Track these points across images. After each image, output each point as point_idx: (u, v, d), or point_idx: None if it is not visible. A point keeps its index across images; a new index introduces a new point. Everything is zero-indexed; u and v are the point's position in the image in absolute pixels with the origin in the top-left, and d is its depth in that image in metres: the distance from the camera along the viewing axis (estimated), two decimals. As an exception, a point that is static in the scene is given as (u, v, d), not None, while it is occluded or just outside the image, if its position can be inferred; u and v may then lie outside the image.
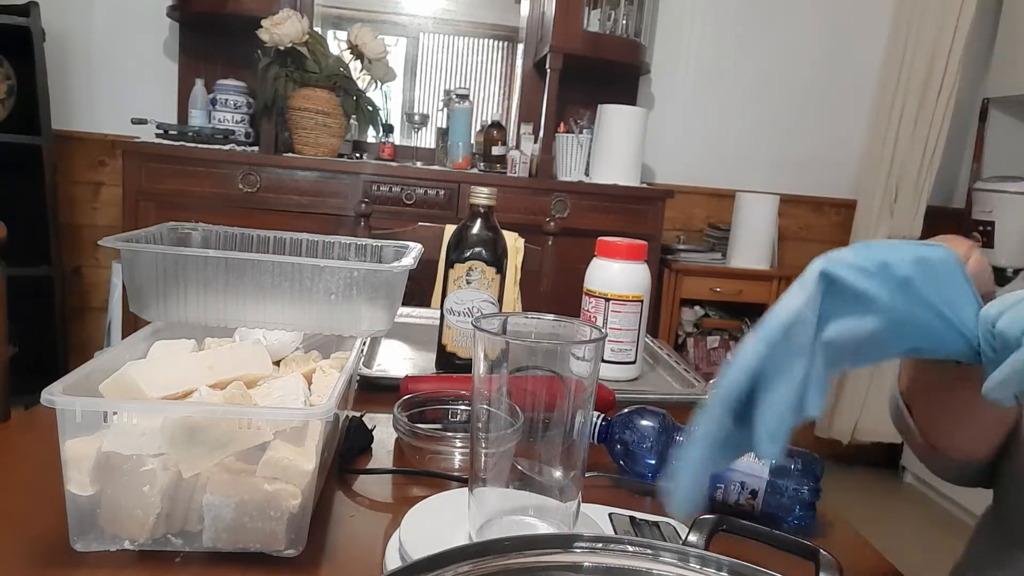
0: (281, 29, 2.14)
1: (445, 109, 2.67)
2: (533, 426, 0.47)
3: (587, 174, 2.55)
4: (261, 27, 2.15)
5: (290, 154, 2.29)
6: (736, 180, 2.88)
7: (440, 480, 0.65)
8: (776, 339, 0.39)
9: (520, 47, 2.78)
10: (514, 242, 1.61)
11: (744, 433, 0.39)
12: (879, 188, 2.80)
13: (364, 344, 0.77)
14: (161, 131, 2.27)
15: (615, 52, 2.49)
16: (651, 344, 1.15)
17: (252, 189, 2.21)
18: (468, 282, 0.92)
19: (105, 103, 2.57)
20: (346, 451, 0.68)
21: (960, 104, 2.82)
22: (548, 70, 2.42)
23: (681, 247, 2.75)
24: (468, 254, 0.92)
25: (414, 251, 0.77)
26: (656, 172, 2.87)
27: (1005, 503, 0.64)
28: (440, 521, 0.51)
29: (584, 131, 2.55)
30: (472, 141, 2.58)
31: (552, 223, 1.64)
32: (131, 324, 2.20)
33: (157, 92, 2.58)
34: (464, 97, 2.53)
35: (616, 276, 0.96)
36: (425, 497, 0.54)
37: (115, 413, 0.48)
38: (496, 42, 2.83)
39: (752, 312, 2.69)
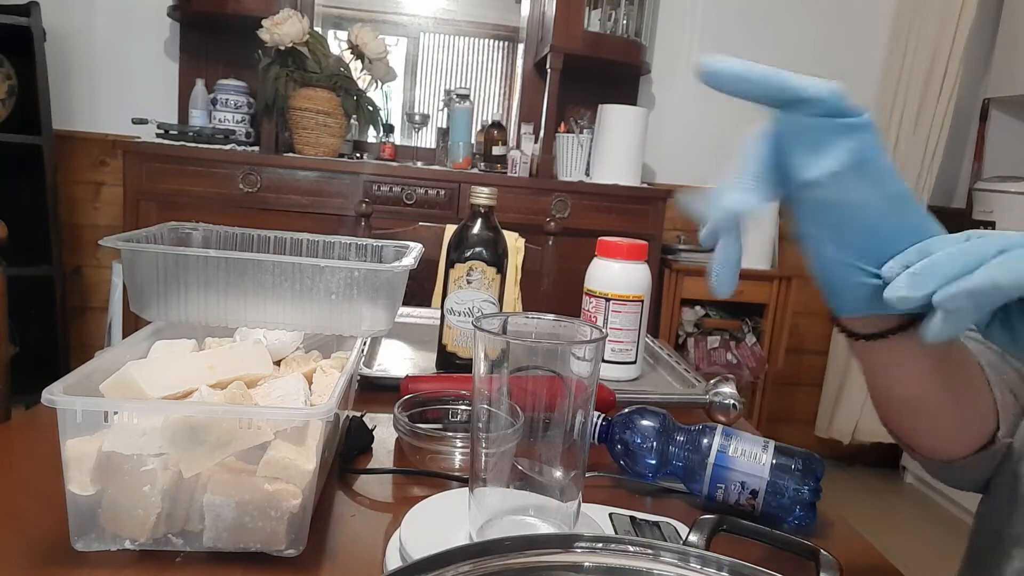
0: (282, 29, 2.14)
1: (445, 109, 2.67)
2: (533, 426, 0.47)
3: (588, 174, 2.55)
4: (262, 27, 2.15)
5: (291, 154, 2.29)
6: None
7: (441, 480, 0.65)
8: None
9: (520, 47, 2.78)
10: (515, 242, 1.61)
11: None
12: (880, 188, 2.80)
13: (365, 344, 0.77)
14: (162, 131, 2.27)
15: (615, 52, 2.49)
16: (652, 344, 1.15)
17: (253, 189, 2.21)
18: (469, 282, 0.92)
19: (106, 103, 2.57)
20: (347, 451, 0.68)
21: (961, 104, 2.82)
22: (549, 70, 2.42)
23: (682, 247, 2.75)
24: (469, 254, 0.92)
25: (415, 251, 0.77)
26: (657, 172, 2.87)
27: (998, 507, 0.62)
28: (441, 521, 0.51)
29: (585, 131, 2.55)
30: (472, 141, 2.58)
31: (552, 223, 1.64)
32: (132, 324, 2.21)
33: (158, 92, 2.58)
34: (464, 97, 2.53)
35: (617, 276, 0.96)
36: (426, 497, 0.54)
37: (116, 413, 0.48)
38: (496, 42, 2.83)
39: (753, 312, 2.69)
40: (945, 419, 0.56)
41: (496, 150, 2.53)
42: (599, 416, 0.70)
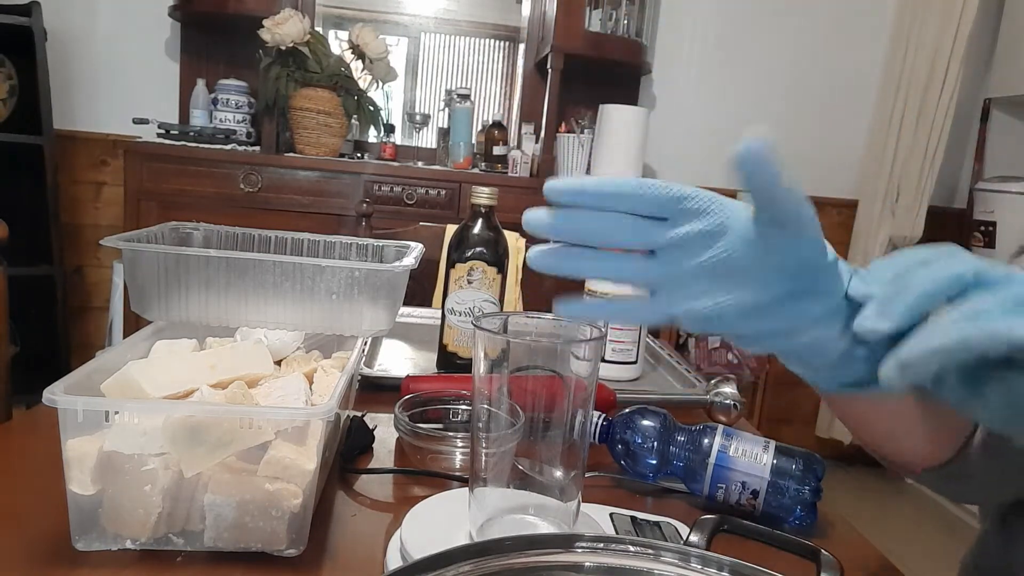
0: (283, 29, 2.14)
1: (446, 109, 2.67)
2: (534, 426, 0.47)
3: (588, 174, 2.55)
4: (263, 27, 2.15)
5: (291, 154, 2.29)
6: (737, 180, 2.87)
7: (441, 480, 0.65)
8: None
9: (521, 47, 2.78)
10: (515, 242, 1.61)
11: None
12: (880, 188, 2.80)
13: (365, 344, 0.77)
14: (163, 131, 2.27)
15: (616, 52, 2.49)
16: (652, 344, 1.15)
17: (253, 189, 2.21)
18: (469, 282, 0.92)
19: (107, 103, 2.57)
20: (347, 451, 0.68)
21: (961, 104, 2.81)
22: (549, 70, 2.42)
23: (682, 247, 2.75)
24: (469, 254, 0.92)
25: (415, 251, 0.77)
26: (657, 172, 2.87)
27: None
28: (441, 521, 0.51)
29: (585, 131, 2.55)
30: (473, 141, 2.58)
31: (553, 223, 1.64)
32: (132, 324, 2.21)
33: (159, 92, 2.58)
34: (465, 97, 2.53)
35: (617, 276, 0.96)
36: (426, 497, 0.54)
37: (117, 412, 0.48)
38: (497, 42, 2.83)
39: (753, 312, 2.69)
40: (923, 431, 0.54)
41: (497, 150, 2.53)
42: (600, 416, 0.70)
